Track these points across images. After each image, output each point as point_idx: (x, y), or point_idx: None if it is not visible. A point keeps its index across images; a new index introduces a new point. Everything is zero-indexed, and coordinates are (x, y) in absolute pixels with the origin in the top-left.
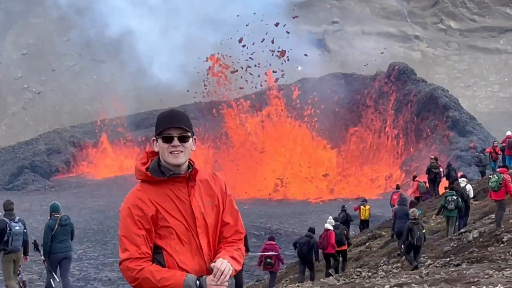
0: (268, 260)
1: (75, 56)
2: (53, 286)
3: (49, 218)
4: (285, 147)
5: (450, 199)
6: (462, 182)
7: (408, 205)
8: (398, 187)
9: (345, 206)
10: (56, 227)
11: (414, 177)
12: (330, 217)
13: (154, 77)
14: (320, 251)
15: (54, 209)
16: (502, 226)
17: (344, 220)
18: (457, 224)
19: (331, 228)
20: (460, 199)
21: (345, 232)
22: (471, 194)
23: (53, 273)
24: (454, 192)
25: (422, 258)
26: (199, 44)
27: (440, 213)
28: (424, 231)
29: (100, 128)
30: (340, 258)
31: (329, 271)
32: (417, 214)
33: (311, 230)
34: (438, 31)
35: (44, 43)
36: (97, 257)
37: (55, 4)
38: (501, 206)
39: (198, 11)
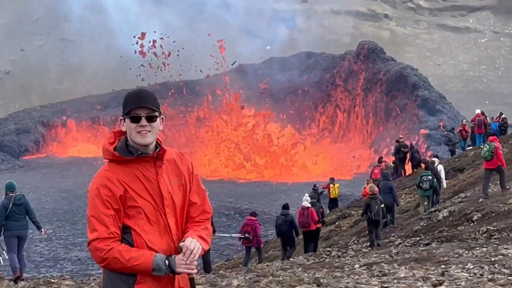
0: (247, 235)
1: (44, 35)
2: (1, 263)
3: (4, 197)
4: (252, 129)
5: (425, 179)
6: (434, 162)
7: (391, 179)
8: (380, 161)
9: (316, 185)
10: (10, 206)
11: (380, 158)
12: (307, 194)
13: (125, 56)
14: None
15: (9, 188)
16: (508, 187)
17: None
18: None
19: (309, 205)
20: (435, 178)
21: (321, 210)
22: (443, 175)
23: (3, 250)
24: (430, 171)
25: (391, 237)
26: (172, 22)
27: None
28: (382, 205)
29: (70, 107)
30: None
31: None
32: (375, 189)
33: (286, 207)
34: (407, 10)
35: (13, 23)
36: (67, 237)
37: None
38: (501, 171)
39: None
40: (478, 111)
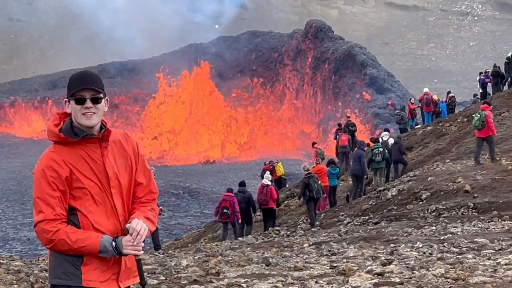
0: (225, 210)
1: None
2: None
3: None
4: (201, 110)
5: (377, 152)
6: (385, 136)
7: (364, 149)
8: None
9: (271, 162)
10: None
11: (313, 143)
12: (268, 172)
13: (73, 36)
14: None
15: None
16: (497, 158)
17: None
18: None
19: (269, 183)
20: (386, 150)
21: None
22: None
23: None
24: (380, 144)
25: (340, 216)
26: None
27: (368, 167)
28: (319, 182)
29: (18, 87)
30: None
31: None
32: (310, 168)
33: (242, 184)
34: None
35: None
36: (16, 217)
37: None
38: (491, 141)
39: None
40: (426, 90)
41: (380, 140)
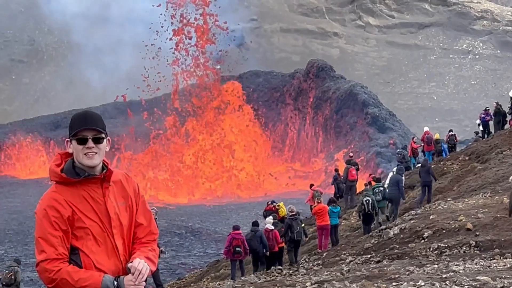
0: (238, 249)
1: None
2: None
3: None
4: (204, 149)
5: (377, 191)
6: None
7: (402, 174)
8: (348, 162)
9: (274, 203)
10: None
11: (311, 185)
12: (270, 217)
13: (74, 77)
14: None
15: None
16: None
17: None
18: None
19: (273, 227)
20: (386, 189)
21: (282, 229)
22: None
23: None
24: (380, 183)
25: (342, 255)
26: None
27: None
28: (303, 225)
29: (20, 128)
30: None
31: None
32: (295, 209)
33: (255, 223)
34: (356, 28)
35: None
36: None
37: None
38: None
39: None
40: (426, 129)
41: (391, 174)
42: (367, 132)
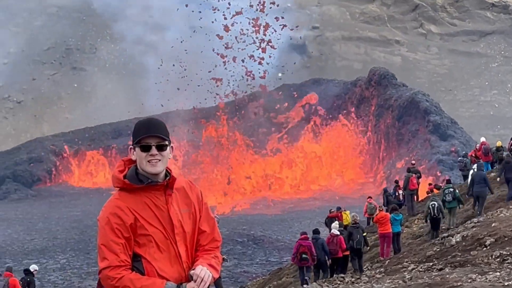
0: (304, 255)
1: (55, 64)
2: None
3: None
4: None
5: (447, 192)
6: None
7: (484, 170)
8: (409, 170)
9: (332, 210)
10: None
11: (369, 197)
12: (336, 222)
13: (136, 84)
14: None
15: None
16: None
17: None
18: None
19: (338, 232)
20: (457, 190)
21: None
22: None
23: None
24: (450, 185)
25: (405, 263)
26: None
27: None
28: (365, 234)
29: (81, 136)
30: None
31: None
32: (357, 218)
33: (316, 231)
34: (418, 36)
35: (24, 52)
36: (81, 266)
37: (34, 13)
38: None
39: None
40: (482, 139)
41: (471, 171)
42: (428, 140)
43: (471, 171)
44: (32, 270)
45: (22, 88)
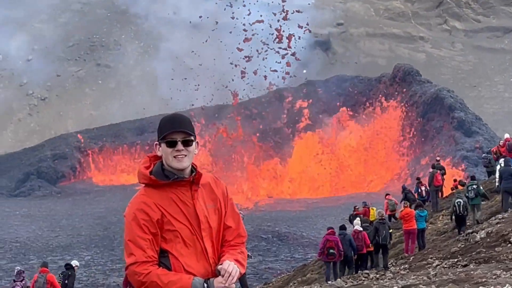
0: (331, 250)
1: (79, 61)
2: None
3: None
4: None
5: (470, 188)
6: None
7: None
8: (434, 166)
9: (357, 206)
10: None
11: (386, 194)
12: (358, 218)
13: (160, 82)
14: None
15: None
16: None
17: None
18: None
19: (361, 228)
20: (481, 187)
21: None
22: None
23: None
24: (475, 181)
25: (429, 259)
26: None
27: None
28: (390, 231)
29: (106, 133)
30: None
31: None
32: (384, 214)
33: (343, 227)
34: (442, 32)
35: (49, 48)
36: (105, 263)
37: (58, 9)
38: None
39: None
40: (507, 135)
41: (498, 166)
42: (453, 136)
43: (498, 167)
44: (73, 266)
45: (47, 85)
